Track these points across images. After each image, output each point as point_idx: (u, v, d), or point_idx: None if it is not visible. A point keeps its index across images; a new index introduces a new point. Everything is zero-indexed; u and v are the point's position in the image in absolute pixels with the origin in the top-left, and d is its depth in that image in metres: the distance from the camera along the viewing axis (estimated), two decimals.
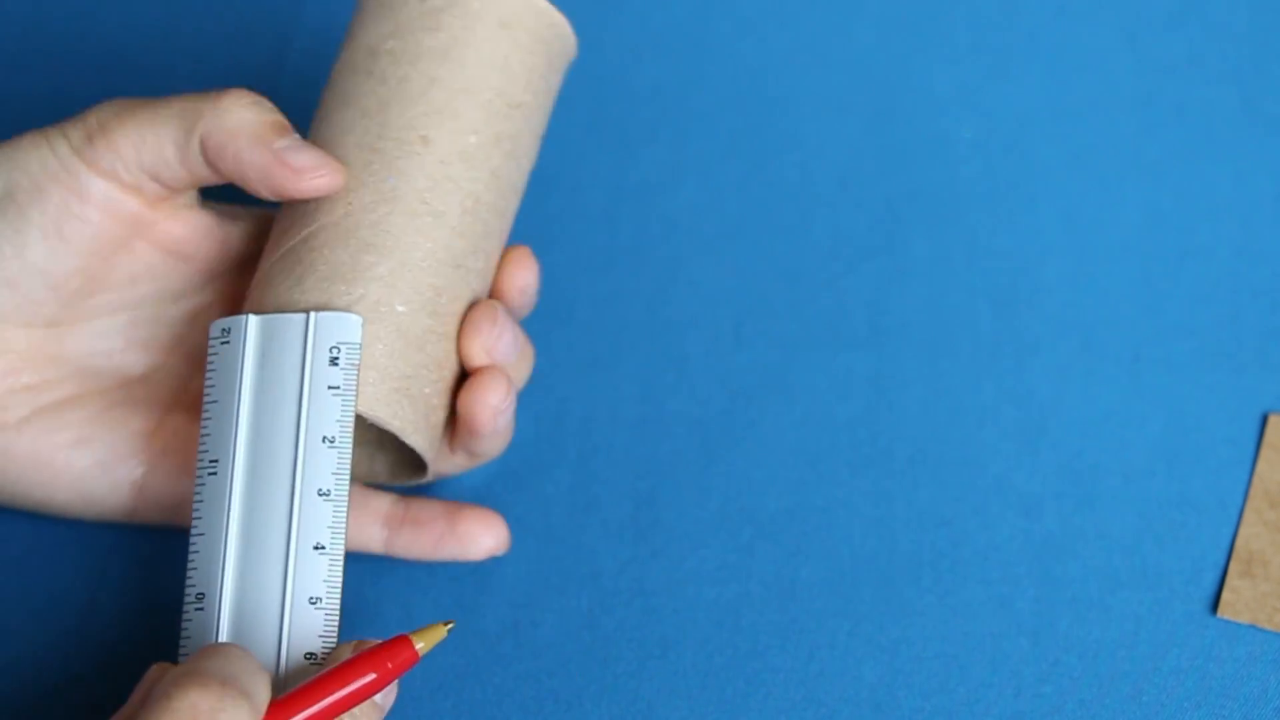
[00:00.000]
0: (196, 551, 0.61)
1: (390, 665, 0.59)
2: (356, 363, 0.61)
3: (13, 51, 0.81)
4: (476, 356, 0.65)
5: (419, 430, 0.63)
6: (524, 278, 0.67)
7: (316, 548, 0.60)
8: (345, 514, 0.60)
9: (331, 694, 0.58)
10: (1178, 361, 0.74)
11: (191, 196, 0.66)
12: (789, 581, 0.69)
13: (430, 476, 0.67)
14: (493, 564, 0.69)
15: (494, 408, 0.65)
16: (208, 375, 0.62)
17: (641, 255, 0.77)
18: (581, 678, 0.67)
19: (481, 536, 0.68)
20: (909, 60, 0.82)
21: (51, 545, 0.69)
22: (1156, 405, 0.73)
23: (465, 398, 0.65)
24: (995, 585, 0.69)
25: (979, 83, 0.81)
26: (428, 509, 0.68)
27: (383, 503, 0.68)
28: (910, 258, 0.77)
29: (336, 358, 0.61)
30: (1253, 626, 0.68)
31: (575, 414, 0.73)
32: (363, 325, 0.62)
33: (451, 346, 0.65)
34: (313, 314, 0.61)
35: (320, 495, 0.60)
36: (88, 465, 0.66)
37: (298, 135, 0.64)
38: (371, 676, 0.58)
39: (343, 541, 0.60)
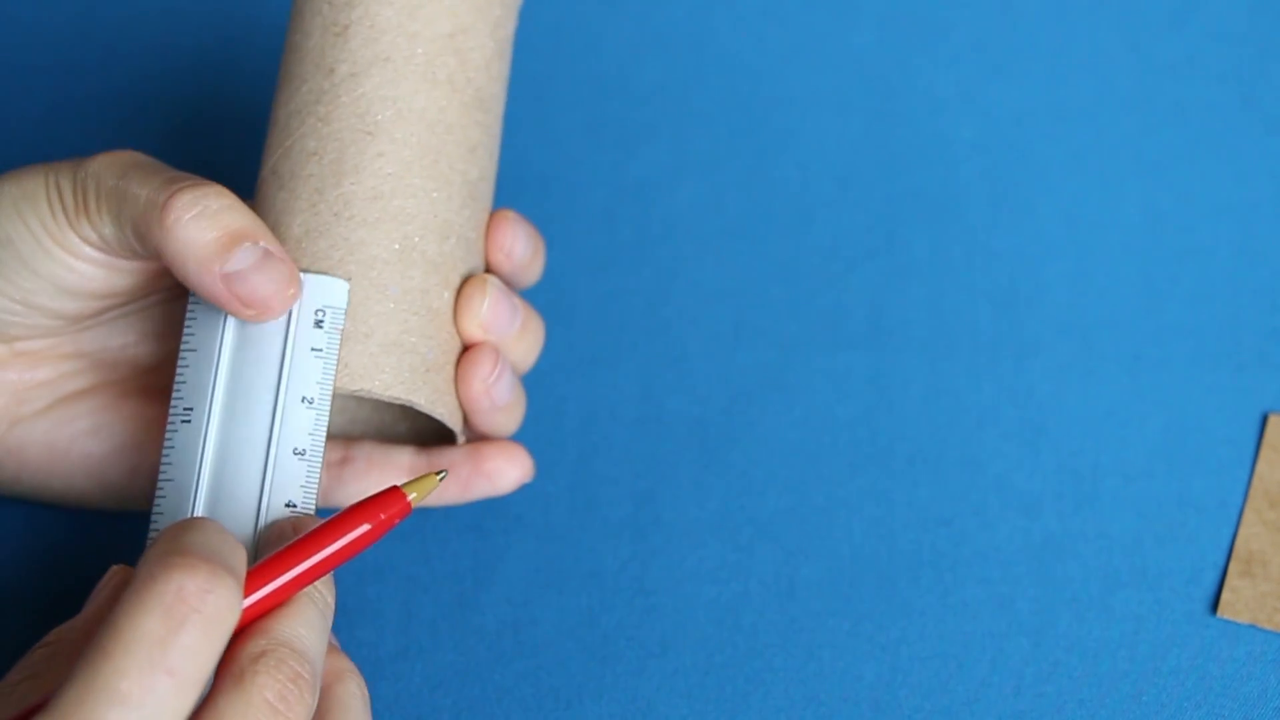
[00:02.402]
0: (164, 497, 0.61)
1: (383, 516, 0.57)
2: (340, 327, 0.62)
3: (14, 47, 0.81)
4: (471, 331, 0.65)
5: (444, 405, 0.64)
6: (503, 240, 0.67)
7: (288, 505, 0.61)
8: (319, 473, 0.61)
9: (325, 547, 0.56)
10: (1178, 361, 0.74)
11: None
12: (789, 581, 0.69)
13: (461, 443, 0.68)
14: (493, 563, 0.69)
15: (483, 381, 0.65)
16: (186, 325, 0.63)
17: (641, 255, 0.77)
18: (581, 677, 0.67)
19: (508, 470, 0.68)
20: (909, 60, 0.82)
21: (52, 536, 0.69)
22: (1156, 405, 0.73)
23: (458, 376, 0.65)
24: (995, 585, 0.69)
25: (979, 83, 0.81)
26: (450, 454, 0.68)
27: (405, 457, 0.69)
28: (910, 258, 0.77)
29: (321, 320, 0.62)
30: (1253, 626, 0.68)
31: (575, 414, 0.73)
32: (349, 292, 0.62)
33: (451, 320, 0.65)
34: (302, 275, 0.62)
35: (296, 454, 0.61)
36: (105, 452, 0.67)
37: (250, 246, 0.61)
38: (365, 528, 0.56)
39: (314, 501, 0.61)
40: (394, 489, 0.58)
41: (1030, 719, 0.67)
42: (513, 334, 0.66)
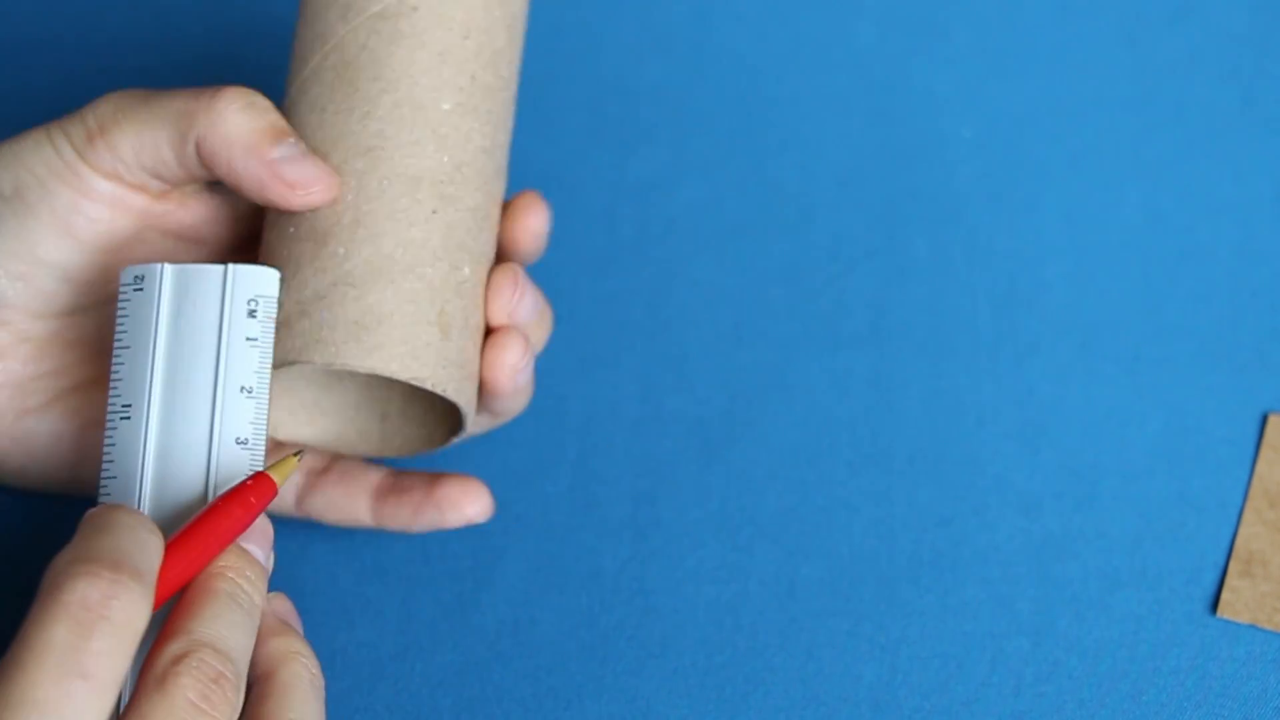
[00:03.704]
0: (108, 495, 0.61)
1: (253, 500, 0.58)
2: (273, 315, 0.62)
3: (15, 43, 0.81)
4: (497, 318, 0.66)
5: (463, 394, 0.64)
6: (537, 223, 0.68)
7: None
8: (261, 462, 0.61)
9: (211, 536, 0.58)
10: (1178, 361, 0.74)
11: (198, 185, 0.66)
12: (789, 581, 0.69)
13: (464, 435, 0.67)
14: (493, 563, 0.69)
15: (512, 367, 0.65)
16: (119, 321, 0.63)
17: (641, 255, 0.77)
18: (581, 676, 0.67)
19: (460, 502, 0.68)
20: (909, 60, 0.82)
21: (57, 527, 0.69)
22: (1156, 405, 0.73)
23: (485, 359, 0.65)
24: (995, 585, 0.69)
25: (979, 83, 0.81)
26: (411, 478, 0.68)
27: (375, 476, 0.68)
28: (910, 258, 0.77)
29: (254, 310, 0.62)
30: (1253, 626, 0.68)
31: (575, 414, 0.73)
32: (281, 280, 0.63)
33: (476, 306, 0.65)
34: (230, 266, 0.62)
35: (238, 444, 0.61)
36: None
37: (294, 141, 0.63)
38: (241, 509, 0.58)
39: None
40: (261, 474, 0.59)
41: (1030, 719, 0.67)
42: (533, 320, 0.67)
